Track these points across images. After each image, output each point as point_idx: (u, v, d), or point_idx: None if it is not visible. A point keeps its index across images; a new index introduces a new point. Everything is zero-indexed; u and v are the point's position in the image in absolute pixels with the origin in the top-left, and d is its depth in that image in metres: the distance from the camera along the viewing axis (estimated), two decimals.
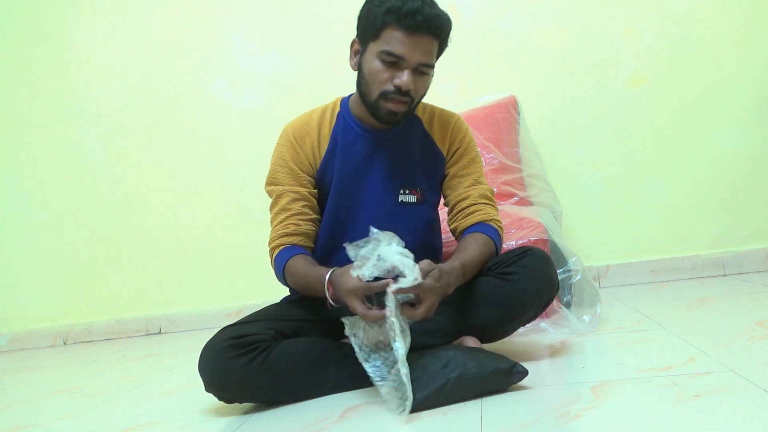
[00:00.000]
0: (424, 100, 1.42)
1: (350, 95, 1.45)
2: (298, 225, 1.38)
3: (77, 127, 2.77)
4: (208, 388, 1.28)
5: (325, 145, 1.40)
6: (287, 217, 1.38)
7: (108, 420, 1.43)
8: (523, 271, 1.31)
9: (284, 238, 1.37)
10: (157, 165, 2.73)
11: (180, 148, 2.71)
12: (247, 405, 1.34)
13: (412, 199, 1.42)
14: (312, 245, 1.41)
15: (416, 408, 1.13)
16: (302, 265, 1.32)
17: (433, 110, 1.48)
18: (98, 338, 2.75)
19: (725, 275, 2.36)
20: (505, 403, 1.11)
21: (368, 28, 1.28)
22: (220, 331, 1.31)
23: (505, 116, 2.32)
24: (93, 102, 2.76)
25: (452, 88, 2.52)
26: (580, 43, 2.46)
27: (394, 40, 1.24)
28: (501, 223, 1.41)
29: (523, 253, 1.36)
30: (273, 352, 1.26)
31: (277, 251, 1.37)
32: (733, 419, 0.94)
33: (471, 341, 1.34)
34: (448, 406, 1.14)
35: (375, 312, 1.13)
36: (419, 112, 1.46)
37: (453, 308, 1.33)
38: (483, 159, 2.20)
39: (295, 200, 1.38)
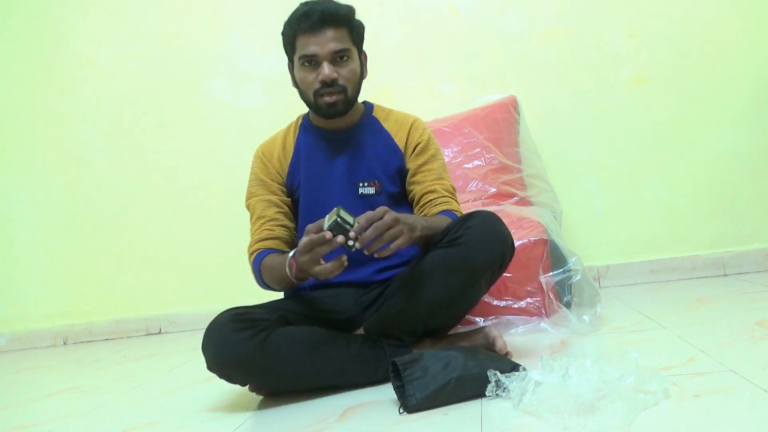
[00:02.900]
0: (390, 105, 1.58)
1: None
2: (272, 230, 1.48)
3: (77, 126, 2.77)
4: (210, 365, 1.28)
5: (290, 154, 1.54)
6: (262, 224, 1.49)
7: (108, 420, 1.43)
8: (469, 232, 1.31)
9: (259, 243, 1.47)
10: (157, 165, 2.73)
11: (180, 147, 2.71)
12: (246, 404, 1.34)
13: (371, 190, 1.50)
14: (288, 250, 1.46)
15: (417, 408, 1.13)
16: (273, 257, 1.42)
17: (390, 111, 1.59)
18: (98, 338, 2.75)
19: (725, 275, 2.36)
20: (505, 403, 1.11)
21: (287, 46, 1.46)
22: (223, 311, 1.32)
23: (505, 116, 2.32)
24: (93, 102, 2.76)
25: (452, 88, 2.52)
26: (580, 43, 2.46)
27: (303, 45, 1.40)
28: (463, 214, 1.44)
29: (467, 217, 1.35)
30: (274, 333, 1.27)
31: (253, 257, 1.46)
32: (733, 419, 0.94)
33: (493, 331, 1.41)
34: (448, 406, 1.14)
35: (325, 265, 1.19)
36: (377, 113, 1.57)
37: (414, 287, 1.33)
38: (483, 159, 2.22)
39: (268, 206, 1.50)
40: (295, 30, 1.41)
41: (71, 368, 2.21)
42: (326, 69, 1.39)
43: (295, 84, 1.48)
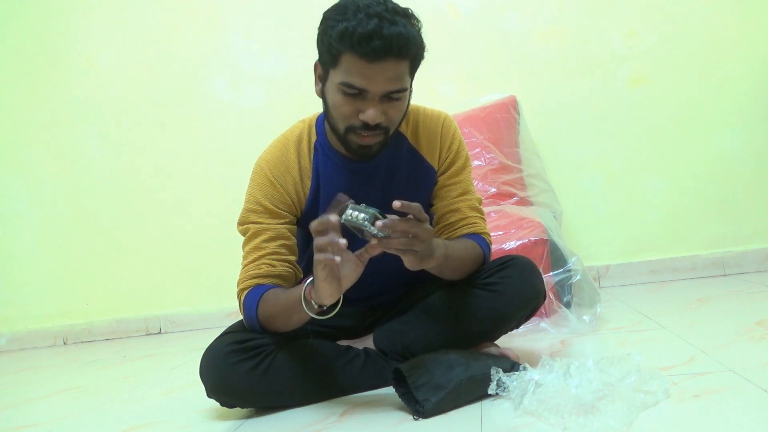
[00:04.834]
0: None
1: (323, 116, 1.29)
2: (272, 266, 1.24)
3: (77, 126, 2.77)
4: (210, 394, 1.26)
5: (308, 182, 1.29)
6: (261, 257, 1.25)
7: (108, 420, 1.43)
8: (506, 281, 1.28)
9: (255, 279, 1.24)
10: (157, 165, 2.73)
11: (180, 148, 2.71)
12: None
13: None
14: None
15: (433, 413, 1.11)
16: (279, 290, 1.22)
17: (416, 118, 1.33)
18: (98, 338, 2.75)
19: (725, 275, 2.36)
20: (505, 403, 1.11)
21: (325, 54, 1.15)
22: (220, 336, 1.28)
23: (505, 116, 2.32)
24: (93, 102, 2.75)
25: (452, 88, 2.52)
26: (580, 43, 2.46)
27: (353, 71, 1.10)
28: (490, 237, 1.36)
29: (506, 262, 1.31)
30: (277, 358, 1.24)
31: (246, 291, 1.24)
32: (733, 419, 0.94)
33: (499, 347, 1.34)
34: None
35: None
36: (402, 126, 1.30)
37: (436, 321, 1.31)
38: (483, 159, 2.22)
39: (271, 239, 1.25)
40: (345, 46, 1.08)
41: (71, 368, 2.20)
42: (372, 111, 1.12)
43: (323, 97, 1.21)
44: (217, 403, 1.27)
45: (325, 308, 1.14)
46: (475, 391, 1.15)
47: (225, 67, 2.68)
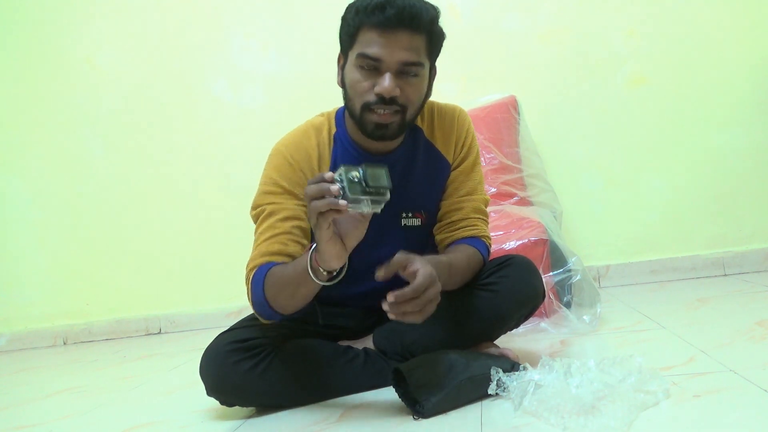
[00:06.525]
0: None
1: (344, 110, 1.30)
2: (285, 245, 1.21)
3: (77, 127, 2.77)
4: (210, 392, 1.26)
5: (326, 171, 1.26)
6: (274, 235, 1.22)
7: (108, 420, 1.43)
8: (505, 281, 1.28)
9: (266, 257, 1.20)
10: (156, 165, 2.73)
11: (180, 148, 2.71)
12: None
13: (416, 222, 1.32)
14: None
15: (432, 413, 1.11)
16: (283, 266, 1.17)
17: (431, 111, 1.35)
18: (98, 338, 2.75)
19: (725, 275, 2.36)
20: (505, 403, 1.11)
21: (345, 37, 1.19)
22: (219, 335, 1.29)
23: (505, 116, 2.32)
24: (93, 102, 2.75)
25: (452, 88, 2.52)
26: (580, 43, 2.46)
27: (368, 42, 1.13)
28: (491, 240, 1.36)
29: (504, 262, 1.32)
30: (277, 357, 1.24)
31: (255, 270, 1.20)
32: (733, 419, 0.94)
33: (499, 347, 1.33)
34: None
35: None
36: (418, 120, 1.32)
37: (436, 322, 1.28)
38: (483, 159, 2.22)
39: (286, 219, 1.23)
40: (362, 20, 1.13)
41: (71, 368, 2.21)
42: (387, 81, 1.13)
43: (342, 84, 1.22)
44: (217, 403, 1.27)
45: (333, 274, 1.10)
46: (475, 391, 1.15)
47: (225, 67, 2.69)
